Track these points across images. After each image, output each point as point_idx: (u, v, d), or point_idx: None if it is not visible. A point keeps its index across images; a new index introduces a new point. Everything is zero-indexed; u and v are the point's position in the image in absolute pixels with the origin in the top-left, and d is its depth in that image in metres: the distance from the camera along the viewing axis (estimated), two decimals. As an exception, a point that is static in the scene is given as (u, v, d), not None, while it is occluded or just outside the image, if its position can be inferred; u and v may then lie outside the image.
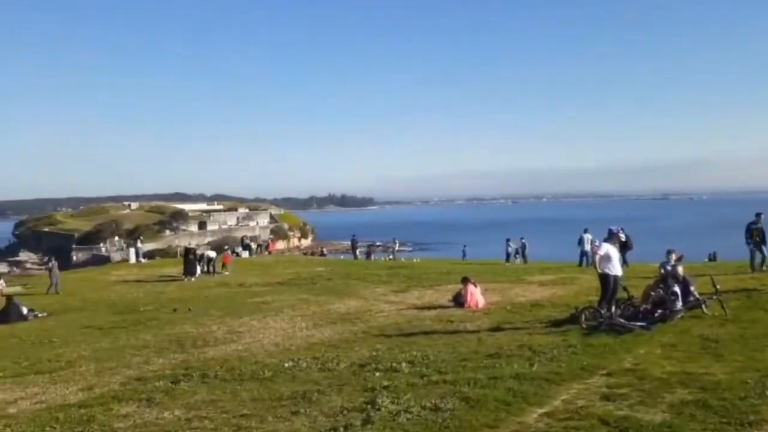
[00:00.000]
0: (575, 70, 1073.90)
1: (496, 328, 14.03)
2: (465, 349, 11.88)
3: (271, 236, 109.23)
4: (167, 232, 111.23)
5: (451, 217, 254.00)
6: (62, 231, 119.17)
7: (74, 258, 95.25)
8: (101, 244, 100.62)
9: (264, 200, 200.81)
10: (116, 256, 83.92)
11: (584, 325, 13.02)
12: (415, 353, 11.54)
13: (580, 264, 29.53)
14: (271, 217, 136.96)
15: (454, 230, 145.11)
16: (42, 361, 13.69)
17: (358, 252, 50.76)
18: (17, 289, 30.41)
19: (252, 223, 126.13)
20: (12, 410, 9.56)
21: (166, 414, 8.70)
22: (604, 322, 12.77)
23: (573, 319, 13.66)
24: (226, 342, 14.66)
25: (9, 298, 22.36)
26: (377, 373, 10.15)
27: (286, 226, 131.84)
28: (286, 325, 16.69)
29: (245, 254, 49.83)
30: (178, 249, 49.56)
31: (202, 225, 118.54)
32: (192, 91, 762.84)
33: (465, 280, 18.58)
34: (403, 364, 10.58)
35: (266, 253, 57.79)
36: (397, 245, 59.76)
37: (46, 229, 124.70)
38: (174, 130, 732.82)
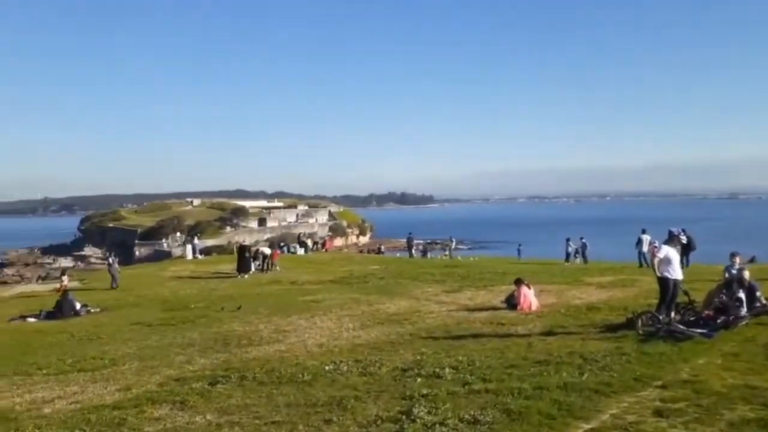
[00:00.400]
0: (640, 70, 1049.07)
1: (548, 333, 13.44)
2: (513, 354, 11.36)
3: (330, 233, 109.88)
4: (228, 228, 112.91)
5: (511, 215, 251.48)
6: (126, 226, 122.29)
7: (137, 253, 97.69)
8: (163, 240, 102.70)
9: (324, 197, 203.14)
10: (177, 252, 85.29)
11: (640, 331, 12.34)
12: (460, 358, 11.07)
13: (641, 265, 28.57)
14: (330, 214, 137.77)
15: (514, 229, 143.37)
16: (86, 358, 13.68)
17: (413, 250, 50.39)
18: (75, 284, 30.98)
19: (311, 220, 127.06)
20: (47, 410, 9.47)
21: (197, 418, 8.47)
22: (662, 328, 12.08)
23: (629, 324, 12.99)
24: (271, 342, 14.45)
25: (65, 293, 22.70)
26: (419, 379, 9.74)
27: (344, 224, 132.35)
28: (332, 325, 16.41)
29: (301, 251, 49.97)
30: (235, 245, 49.86)
31: (261, 222, 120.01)
32: (253, 91, 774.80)
33: (518, 282, 17.99)
34: (447, 370, 10.14)
35: (323, 250, 57.88)
36: (454, 243, 59.12)
37: (111, 225, 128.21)
38: (238, 128, 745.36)
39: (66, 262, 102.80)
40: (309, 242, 56.14)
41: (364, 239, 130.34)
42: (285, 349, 13.40)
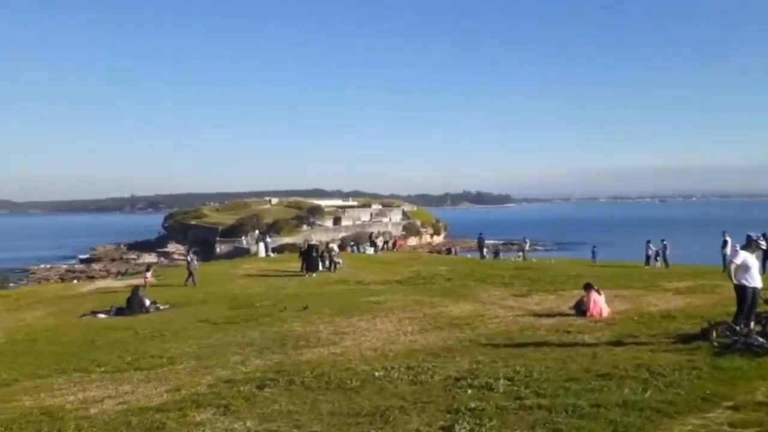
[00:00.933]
0: (727, 69, 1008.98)
1: (617, 342, 12.64)
2: (576, 366, 10.68)
3: (403, 233, 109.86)
4: (304, 226, 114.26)
5: (592, 215, 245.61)
6: (207, 224, 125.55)
7: (217, 250, 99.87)
8: (243, 237, 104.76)
9: (398, 197, 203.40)
10: (255, 249, 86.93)
11: (715, 343, 11.46)
12: (518, 368, 10.48)
13: (725, 269, 27.17)
14: (404, 213, 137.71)
15: (594, 229, 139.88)
16: (146, 356, 13.79)
17: (485, 251, 49.50)
18: (152, 280, 31.57)
19: (384, 219, 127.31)
20: (93, 410, 9.45)
21: (237, 425, 8.26)
22: (739, 341, 11.16)
23: (704, 335, 12.10)
24: (327, 344, 14.22)
25: (135, 289, 23.07)
26: (469, 391, 9.24)
27: (418, 223, 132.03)
28: (392, 327, 16.04)
29: (370, 251, 49.88)
30: (304, 244, 50.34)
31: (336, 221, 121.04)
32: (333, 93, 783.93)
33: (588, 287, 17.16)
34: (501, 381, 9.59)
35: (394, 250, 57.61)
36: (528, 244, 57.72)
37: (193, 222, 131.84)
38: (317, 129, 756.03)
39: (150, 258, 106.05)
40: (379, 242, 56.02)
41: (438, 239, 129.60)
42: (339, 352, 13.14)
